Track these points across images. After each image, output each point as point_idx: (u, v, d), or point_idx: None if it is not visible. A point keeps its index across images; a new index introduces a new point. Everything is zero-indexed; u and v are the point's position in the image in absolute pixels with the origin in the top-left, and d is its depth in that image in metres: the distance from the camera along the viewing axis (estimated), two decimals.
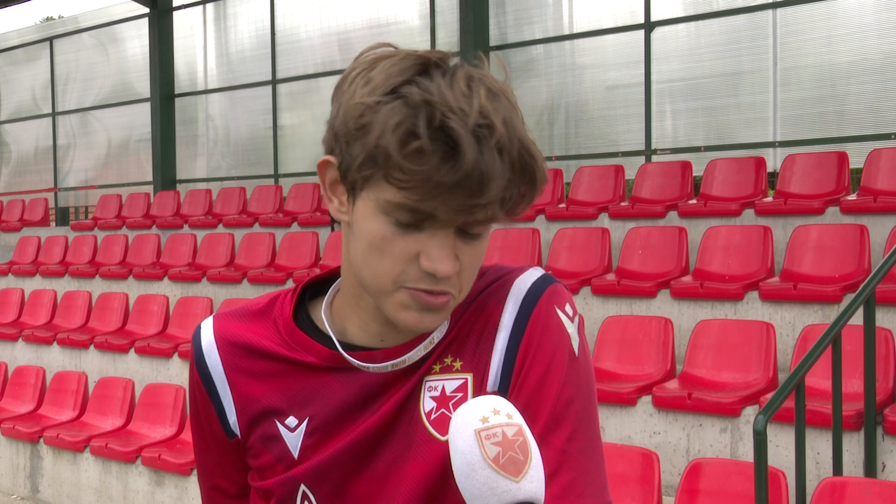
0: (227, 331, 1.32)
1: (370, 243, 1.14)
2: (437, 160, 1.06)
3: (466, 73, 1.12)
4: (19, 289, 10.40)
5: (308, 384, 1.26)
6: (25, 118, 14.98)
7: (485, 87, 1.11)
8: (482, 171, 1.07)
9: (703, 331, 5.43)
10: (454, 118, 1.06)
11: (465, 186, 1.07)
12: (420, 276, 1.13)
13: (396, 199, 1.10)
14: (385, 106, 1.09)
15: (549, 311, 1.22)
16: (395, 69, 1.11)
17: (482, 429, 1.05)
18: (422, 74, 1.10)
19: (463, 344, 1.24)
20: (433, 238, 1.12)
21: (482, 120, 1.07)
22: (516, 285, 1.24)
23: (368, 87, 1.11)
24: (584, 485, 1.17)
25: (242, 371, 1.30)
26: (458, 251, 1.14)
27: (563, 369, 1.20)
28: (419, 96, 1.08)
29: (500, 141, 1.08)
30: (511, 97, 1.15)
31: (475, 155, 1.06)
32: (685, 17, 8.85)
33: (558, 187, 8.44)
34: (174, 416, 6.65)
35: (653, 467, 4.03)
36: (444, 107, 1.07)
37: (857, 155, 7.38)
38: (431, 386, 1.23)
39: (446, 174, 1.06)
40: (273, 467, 1.28)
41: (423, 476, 1.20)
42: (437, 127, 1.06)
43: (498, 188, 1.08)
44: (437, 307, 1.16)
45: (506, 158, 1.09)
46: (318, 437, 1.25)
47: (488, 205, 1.09)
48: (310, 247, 8.79)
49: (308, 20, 11.59)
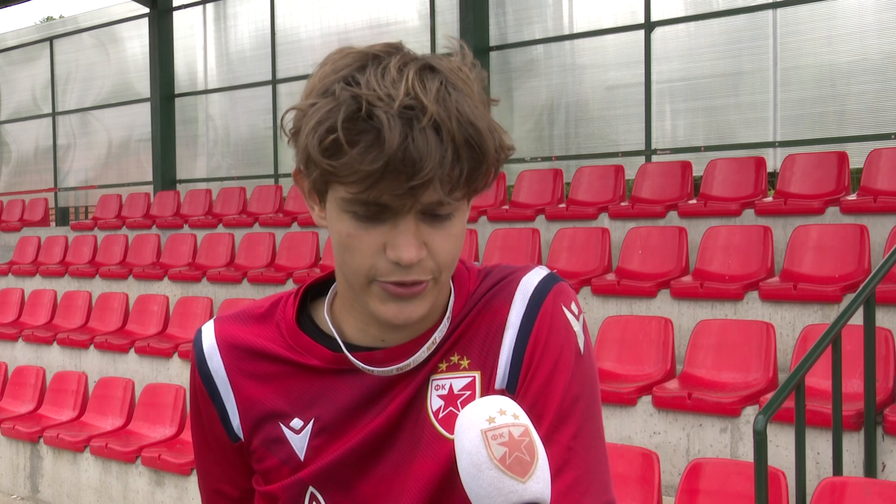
0: (229, 334, 1.31)
1: (340, 242, 1.16)
2: (360, 149, 1.07)
3: (402, 58, 1.12)
4: (19, 289, 10.40)
5: (312, 386, 1.26)
6: (25, 118, 14.98)
7: (419, 67, 1.11)
8: (412, 153, 1.06)
9: (703, 331, 5.42)
10: (380, 105, 1.07)
11: (398, 170, 1.07)
12: (390, 268, 1.14)
13: (346, 195, 1.11)
14: (314, 107, 1.11)
15: (555, 309, 1.23)
16: (332, 69, 1.13)
17: (488, 429, 1.05)
18: (359, 70, 1.11)
19: (470, 342, 1.24)
20: (394, 228, 1.13)
21: (410, 101, 1.07)
22: (523, 284, 1.25)
23: (306, 90, 1.14)
24: (588, 482, 1.18)
25: (245, 374, 1.29)
26: (426, 235, 1.14)
27: (570, 367, 1.21)
28: (345, 91, 1.09)
29: (433, 118, 1.07)
30: (463, 73, 1.14)
31: (401, 138, 1.06)
32: (685, 17, 8.85)
33: (558, 187, 8.44)
34: (174, 416, 6.65)
35: (653, 467, 4.03)
36: (371, 96, 1.08)
37: (857, 155, 7.38)
38: (439, 385, 1.23)
39: (371, 161, 1.07)
40: (279, 470, 1.28)
41: (431, 474, 1.21)
42: (363, 118, 1.07)
43: (433, 166, 1.07)
44: (413, 296, 1.16)
45: (445, 136, 1.08)
46: (325, 439, 1.25)
47: (428, 183, 1.08)
48: (310, 247, 8.79)
49: (308, 20, 11.59)
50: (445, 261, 1.16)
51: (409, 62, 1.11)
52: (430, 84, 1.09)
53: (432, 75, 1.11)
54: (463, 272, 1.28)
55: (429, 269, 1.15)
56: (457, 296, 1.26)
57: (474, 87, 1.14)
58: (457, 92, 1.11)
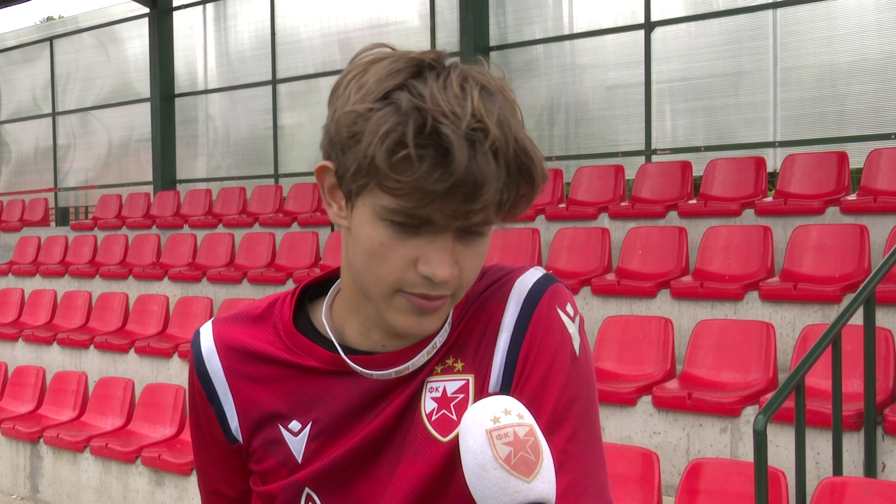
0: (228, 336, 1.31)
1: (369, 250, 1.13)
2: (428, 167, 1.05)
3: (461, 73, 1.10)
4: (19, 289, 10.40)
5: (310, 388, 1.26)
6: (25, 118, 14.98)
7: (479, 86, 1.09)
8: (475, 176, 1.05)
9: (703, 331, 5.42)
10: (446, 123, 1.05)
11: (459, 192, 1.06)
12: (418, 280, 1.12)
13: (392, 205, 1.09)
14: (376, 113, 1.07)
15: (550, 311, 1.22)
16: (387, 73, 1.10)
17: (493, 429, 1.05)
18: (415, 77, 1.09)
19: (464, 345, 1.23)
20: (431, 243, 1.11)
21: (476, 123, 1.06)
22: (517, 285, 1.24)
23: (360, 92, 1.10)
24: (584, 485, 1.17)
25: (243, 376, 1.29)
26: (458, 254, 1.13)
27: (565, 370, 1.20)
28: (410, 102, 1.06)
29: (494, 143, 1.07)
30: (509, 95, 1.13)
31: (467, 160, 1.05)
32: (685, 17, 8.85)
33: (558, 187, 8.44)
34: (174, 416, 6.65)
35: (653, 467, 4.03)
36: (437, 111, 1.05)
37: (857, 155, 7.38)
38: (433, 387, 1.23)
39: (437, 181, 1.05)
40: (276, 472, 1.28)
41: (422, 476, 1.20)
42: (428, 133, 1.05)
43: (492, 192, 1.07)
44: (433, 310, 1.15)
45: (501, 161, 1.07)
46: (322, 441, 1.25)
47: (484, 208, 1.08)
48: (310, 247, 8.78)
49: (308, 20, 11.59)
50: (469, 279, 1.16)
51: (468, 78, 1.10)
52: (491, 106, 1.08)
53: (490, 97, 1.10)
54: None
55: (454, 286, 1.15)
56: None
57: (518, 111, 1.14)
58: (512, 117, 1.10)
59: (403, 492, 1.21)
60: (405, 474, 1.21)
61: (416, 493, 1.20)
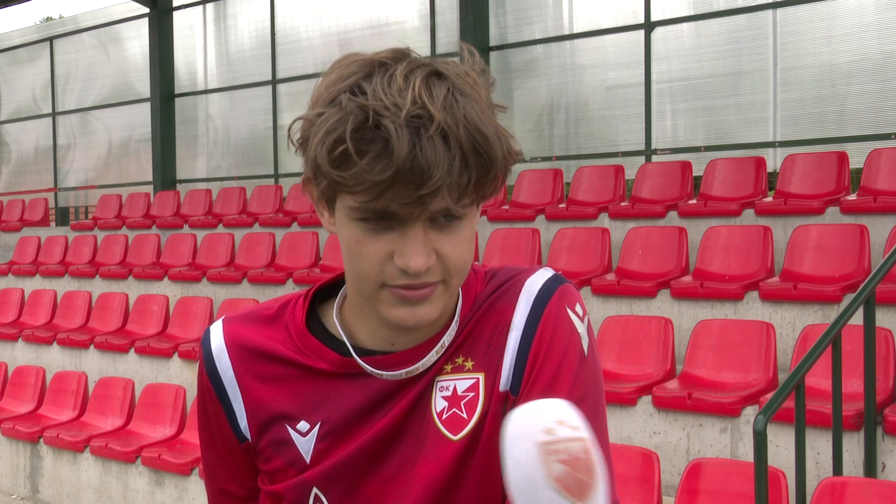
0: (238, 334, 1.31)
1: (349, 250, 1.16)
2: (369, 160, 1.06)
3: (408, 65, 1.11)
4: (19, 289, 10.40)
5: (320, 389, 1.26)
6: (25, 118, 14.98)
7: (426, 74, 1.10)
8: (420, 162, 1.06)
9: (703, 331, 5.42)
10: (387, 115, 1.07)
11: (407, 179, 1.07)
12: (397, 273, 1.14)
13: (353, 204, 1.11)
14: (321, 117, 1.10)
15: (560, 311, 1.23)
16: (337, 77, 1.12)
17: (546, 442, 0.99)
18: (365, 77, 1.11)
19: (474, 344, 1.24)
20: (402, 236, 1.12)
21: (417, 110, 1.07)
22: (527, 286, 1.25)
23: (313, 100, 1.14)
24: None
25: (253, 375, 1.29)
26: (435, 241, 1.13)
27: (574, 368, 1.21)
28: (351, 101, 1.08)
29: (440, 126, 1.07)
30: (470, 78, 1.14)
31: (409, 147, 1.06)
32: (685, 17, 8.85)
33: (558, 187, 8.44)
34: (174, 416, 6.65)
35: (653, 467, 4.03)
36: (377, 105, 1.07)
37: (857, 155, 7.38)
38: (443, 386, 1.23)
39: (381, 171, 1.06)
40: (284, 471, 1.28)
41: (434, 476, 1.21)
42: (370, 127, 1.07)
43: (441, 175, 1.07)
44: (422, 298, 1.16)
45: (453, 143, 1.08)
46: (331, 442, 1.25)
47: (436, 192, 1.08)
48: (310, 247, 8.78)
49: (308, 20, 11.59)
50: (457, 265, 1.16)
51: (415, 69, 1.11)
52: (437, 91, 1.09)
53: (439, 82, 1.10)
54: (470, 275, 1.27)
55: (438, 272, 1.15)
56: (464, 298, 1.26)
57: (482, 93, 1.14)
58: (464, 98, 1.10)
59: (416, 491, 1.21)
60: (417, 474, 1.21)
61: (429, 492, 1.21)
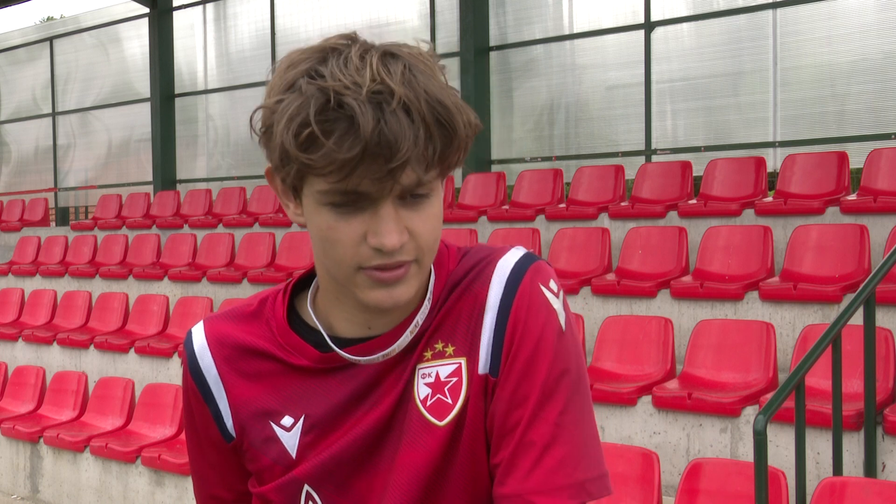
0: (219, 332, 1.32)
1: (321, 236, 1.16)
2: (336, 138, 1.07)
3: (361, 46, 1.13)
4: (19, 289, 10.40)
5: (303, 384, 1.26)
6: (25, 118, 14.98)
7: (380, 54, 1.12)
8: (387, 135, 1.07)
9: (703, 331, 5.42)
10: (348, 94, 1.07)
11: (375, 154, 1.08)
12: (372, 254, 1.14)
13: (323, 187, 1.11)
14: (282, 104, 1.11)
15: (533, 288, 1.22)
16: (291, 64, 1.14)
17: None
18: (320, 62, 1.12)
19: (453, 328, 1.24)
20: (374, 215, 1.13)
21: (377, 86, 1.08)
22: (500, 266, 1.25)
23: (270, 88, 1.15)
24: (578, 456, 1.18)
25: (236, 372, 1.30)
26: (406, 219, 1.14)
27: (553, 344, 1.20)
28: (310, 84, 1.09)
29: (402, 100, 1.08)
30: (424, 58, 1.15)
31: (374, 122, 1.07)
32: (685, 16, 8.85)
33: (558, 187, 8.44)
34: (174, 416, 6.65)
35: (653, 467, 4.03)
36: (337, 86, 1.08)
37: (857, 155, 7.37)
38: (425, 373, 1.23)
39: (349, 148, 1.07)
40: (271, 470, 1.28)
41: (423, 463, 1.21)
42: (332, 108, 1.07)
43: (408, 147, 1.08)
44: (397, 279, 1.16)
45: (415, 115, 1.09)
46: (316, 435, 1.25)
47: (405, 165, 1.09)
48: (310, 247, 8.77)
49: (308, 20, 11.59)
50: (428, 241, 1.17)
51: (368, 49, 1.12)
52: (394, 68, 1.10)
53: (394, 60, 1.12)
54: (442, 251, 1.28)
55: (412, 250, 1.16)
56: (437, 276, 1.26)
57: (436, 71, 1.15)
58: (421, 74, 1.12)
59: (405, 479, 1.21)
60: (405, 462, 1.21)
61: (417, 479, 1.21)
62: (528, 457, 1.17)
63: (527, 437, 1.17)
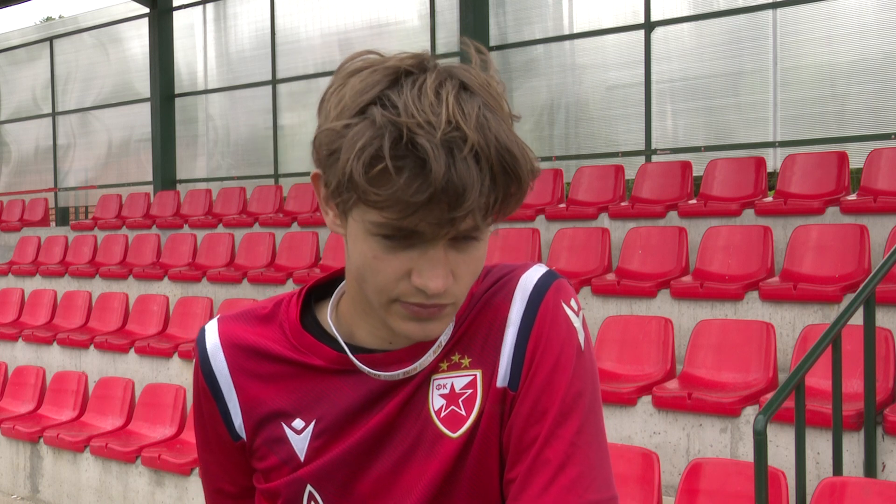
0: (233, 333, 1.32)
1: (364, 263, 1.14)
2: (406, 179, 1.05)
3: (437, 76, 1.10)
4: (19, 289, 10.40)
5: (316, 386, 1.26)
6: (25, 118, 14.98)
7: (457, 89, 1.09)
8: (455, 183, 1.05)
9: (703, 331, 5.42)
10: (421, 133, 1.05)
11: (441, 200, 1.06)
12: (413, 291, 1.13)
13: (378, 220, 1.09)
14: (352, 129, 1.08)
15: (556, 306, 1.23)
16: (362, 86, 1.10)
17: None
18: (391, 87, 1.09)
19: (470, 341, 1.24)
20: (423, 255, 1.11)
21: (452, 130, 1.05)
22: (522, 282, 1.25)
23: (338, 108, 1.11)
24: (591, 478, 1.19)
25: (248, 373, 1.30)
26: (453, 262, 1.13)
27: (572, 364, 1.21)
28: (384, 116, 1.06)
29: (473, 147, 1.06)
30: (494, 89, 1.12)
31: (445, 168, 1.04)
32: (685, 17, 8.85)
33: (558, 187, 8.44)
34: (174, 416, 6.65)
35: (653, 467, 4.03)
36: (411, 122, 1.05)
37: (857, 155, 7.38)
38: (440, 384, 1.24)
39: (417, 192, 1.05)
40: (279, 469, 1.29)
41: (437, 473, 1.21)
42: (404, 145, 1.05)
43: (475, 196, 1.06)
44: (434, 317, 1.16)
45: (483, 164, 1.07)
46: (326, 439, 1.25)
47: (469, 214, 1.07)
48: (310, 247, 8.78)
49: (308, 20, 11.59)
50: (469, 284, 1.17)
51: (444, 82, 1.09)
52: (469, 108, 1.07)
53: (470, 98, 1.09)
54: None
55: (452, 295, 1.15)
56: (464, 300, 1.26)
57: (504, 106, 1.13)
58: (493, 115, 1.09)
59: (420, 489, 1.22)
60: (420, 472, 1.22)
61: (431, 489, 1.22)
62: (542, 475, 1.18)
63: (543, 455, 1.18)
